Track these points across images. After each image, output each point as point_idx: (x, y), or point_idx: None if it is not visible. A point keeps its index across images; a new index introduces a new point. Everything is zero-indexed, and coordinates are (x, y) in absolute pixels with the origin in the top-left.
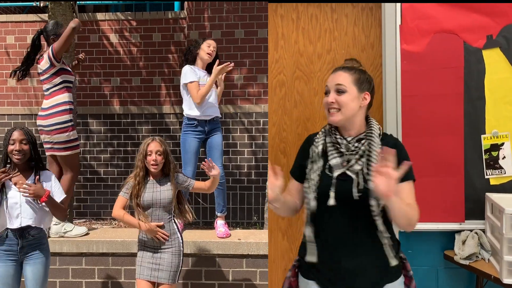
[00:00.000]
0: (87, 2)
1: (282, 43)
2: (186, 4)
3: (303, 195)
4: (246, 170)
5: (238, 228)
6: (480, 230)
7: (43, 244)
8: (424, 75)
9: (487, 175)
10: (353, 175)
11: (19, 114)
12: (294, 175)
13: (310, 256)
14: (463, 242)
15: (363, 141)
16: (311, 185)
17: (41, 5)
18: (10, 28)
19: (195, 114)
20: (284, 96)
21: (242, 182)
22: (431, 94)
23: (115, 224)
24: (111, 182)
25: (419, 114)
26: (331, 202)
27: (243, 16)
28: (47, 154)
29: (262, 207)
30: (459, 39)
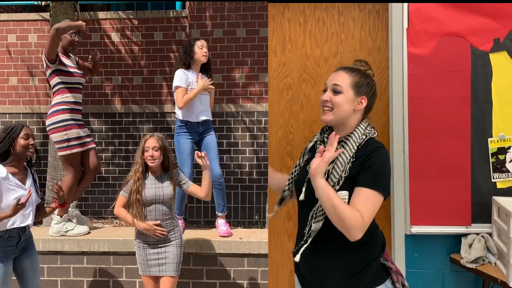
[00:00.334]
0: (88, 1)
1: (289, 46)
2: (187, 3)
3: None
4: (247, 169)
5: (239, 227)
6: (487, 233)
7: (31, 237)
8: (431, 78)
9: (494, 178)
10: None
11: (20, 113)
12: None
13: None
14: (470, 246)
15: (341, 143)
16: (291, 176)
17: (42, 4)
18: (11, 27)
19: (186, 116)
20: (291, 99)
21: (243, 181)
22: (438, 97)
23: (116, 223)
24: (112, 181)
25: (426, 117)
26: (301, 197)
27: (244, 15)
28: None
29: (263, 206)
30: (466, 42)
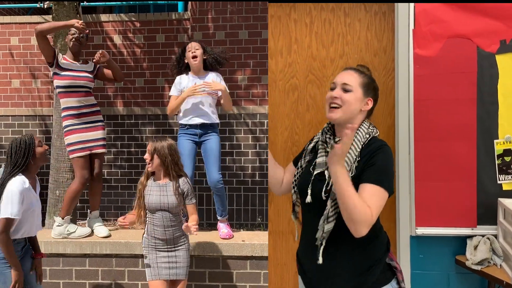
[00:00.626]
0: (91, 3)
1: (295, 47)
2: (189, 5)
3: (291, 177)
4: (250, 172)
5: (242, 229)
6: (492, 235)
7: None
8: (437, 79)
9: (499, 180)
10: (327, 175)
11: (23, 115)
12: (293, 161)
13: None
14: (475, 247)
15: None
16: (295, 178)
17: (45, 6)
18: (14, 29)
19: (183, 120)
20: (297, 100)
21: (246, 184)
22: (444, 98)
23: (118, 225)
24: (115, 183)
25: (432, 119)
26: (307, 200)
27: (247, 17)
28: None
29: (266, 209)
30: (472, 43)
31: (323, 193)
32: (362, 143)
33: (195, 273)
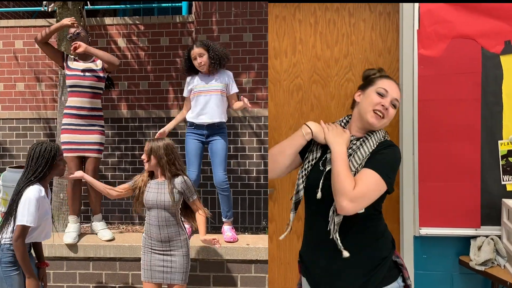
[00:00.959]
0: (95, 6)
1: (300, 48)
2: (194, 8)
3: (293, 159)
4: (254, 175)
5: (246, 233)
6: (496, 236)
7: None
8: (441, 80)
9: (503, 181)
10: None
11: (27, 118)
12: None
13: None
14: (479, 248)
15: (360, 139)
16: (302, 174)
17: (49, 10)
18: (18, 33)
19: (190, 117)
20: (301, 100)
21: (251, 187)
22: (448, 99)
23: (123, 228)
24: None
25: (436, 119)
26: (318, 196)
27: (251, 20)
28: None
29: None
30: (477, 44)
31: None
32: (377, 143)
33: (200, 276)
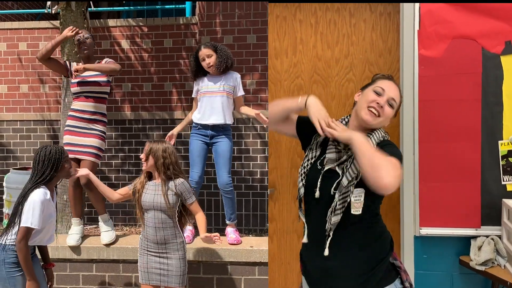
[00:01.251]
0: (98, 8)
1: (300, 48)
2: (197, 9)
3: (284, 120)
4: (259, 176)
5: (250, 235)
6: (496, 236)
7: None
8: (442, 80)
9: (503, 181)
10: (340, 171)
11: (31, 120)
12: (300, 119)
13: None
14: (479, 248)
15: None
16: (302, 173)
17: (52, 12)
18: (22, 35)
19: (196, 118)
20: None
21: (255, 188)
22: (448, 99)
23: (126, 230)
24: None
25: (436, 119)
26: (316, 195)
27: (255, 21)
28: None
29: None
30: (477, 44)
31: (332, 189)
32: (376, 143)
33: (203, 279)
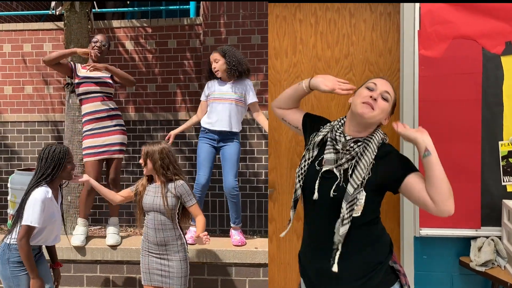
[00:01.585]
0: (103, 10)
1: (300, 48)
2: (201, 10)
3: (294, 119)
4: (263, 178)
5: (255, 236)
6: (497, 237)
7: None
8: (442, 80)
9: (504, 181)
10: (337, 173)
11: (35, 121)
12: (307, 113)
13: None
14: (479, 249)
15: (360, 143)
16: (299, 173)
17: (57, 13)
18: (27, 36)
19: (204, 122)
20: (301, 100)
21: (259, 190)
22: (448, 99)
23: (130, 231)
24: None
25: (436, 120)
26: (315, 196)
27: (259, 21)
28: None
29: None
30: (478, 45)
31: (332, 191)
32: (377, 147)
33: (207, 280)
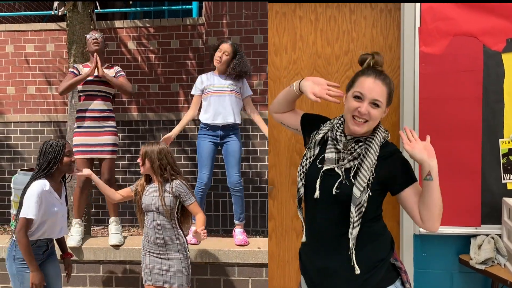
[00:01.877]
0: (105, 10)
1: (300, 44)
2: (204, 10)
3: (292, 121)
4: (266, 177)
5: (258, 236)
6: (497, 235)
7: (54, 244)
8: (443, 78)
9: (504, 179)
10: (339, 171)
11: (38, 122)
12: (305, 114)
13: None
14: (479, 247)
15: (361, 144)
16: (301, 172)
17: (59, 13)
18: (29, 36)
19: (204, 118)
20: (301, 98)
21: (262, 190)
22: (449, 97)
23: (133, 231)
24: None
25: (437, 117)
26: (316, 195)
27: (261, 21)
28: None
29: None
30: (479, 42)
31: (334, 188)
32: (379, 147)
33: (210, 280)
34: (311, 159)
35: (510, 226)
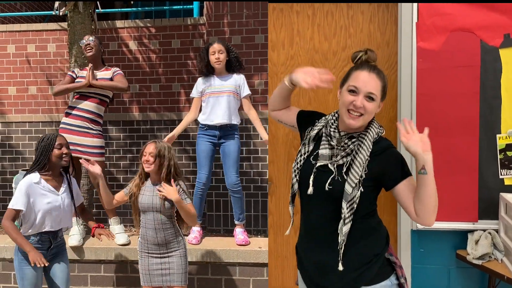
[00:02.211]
0: (106, 10)
1: (297, 40)
2: (205, 10)
3: (289, 118)
4: (267, 177)
5: (259, 236)
6: (494, 230)
7: (65, 244)
8: (440, 73)
9: (501, 175)
10: (332, 168)
11: (39, 122)
12: (301, 111)
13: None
14: (476, 242)
15: (354, 140)
16: (295, 168)
17: (60, 13)
18: (31, 37)
19: (203, 119)
20: (298, 93)
21: (263, 189)
22: (446, 92)
23: (134, 231)
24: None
25: (434, 113)
26: (309, 190)
27: (263, 21)
28: None
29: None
30: (476, 37)
31: (327, 185)
32: (372, 143)
33: (211, 280)
34: (306, 155)
35: (507, 222)
